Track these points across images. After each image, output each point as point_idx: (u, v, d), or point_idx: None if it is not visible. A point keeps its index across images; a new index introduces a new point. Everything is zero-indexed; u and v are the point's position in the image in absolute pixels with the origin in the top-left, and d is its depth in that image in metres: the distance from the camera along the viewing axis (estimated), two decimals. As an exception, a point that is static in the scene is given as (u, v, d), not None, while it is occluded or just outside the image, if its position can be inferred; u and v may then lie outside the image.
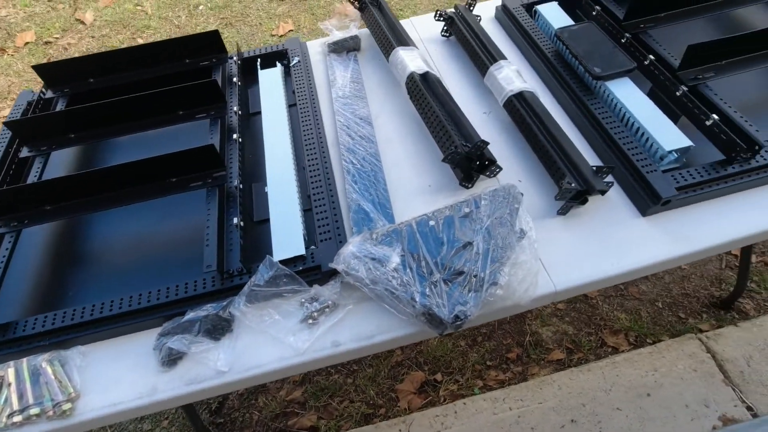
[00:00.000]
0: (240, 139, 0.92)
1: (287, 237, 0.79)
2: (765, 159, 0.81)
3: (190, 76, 1.03)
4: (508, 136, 0.95)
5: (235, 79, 1.02)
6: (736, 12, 1.13)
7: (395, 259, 0.71)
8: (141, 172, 0.81)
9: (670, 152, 0.83)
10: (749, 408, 1.40)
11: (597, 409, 1.42)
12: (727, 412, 1.40)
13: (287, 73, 1.10)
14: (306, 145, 0.92)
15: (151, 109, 0.94)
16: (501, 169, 0.86)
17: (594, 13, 1.08)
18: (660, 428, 1.38)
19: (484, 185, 0.88)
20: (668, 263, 0.78)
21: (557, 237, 0.80)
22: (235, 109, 0.96)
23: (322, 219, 0.81)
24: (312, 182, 0.86)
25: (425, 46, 1.17)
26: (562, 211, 0.82)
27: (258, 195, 0.89)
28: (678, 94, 0.89)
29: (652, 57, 0.95)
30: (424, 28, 1.22)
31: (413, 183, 0.90)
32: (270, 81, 1.05)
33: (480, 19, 1.18)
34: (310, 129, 0.94)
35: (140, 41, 2.77)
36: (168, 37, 2.79)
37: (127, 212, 0.89)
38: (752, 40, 0.91)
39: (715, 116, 0.83)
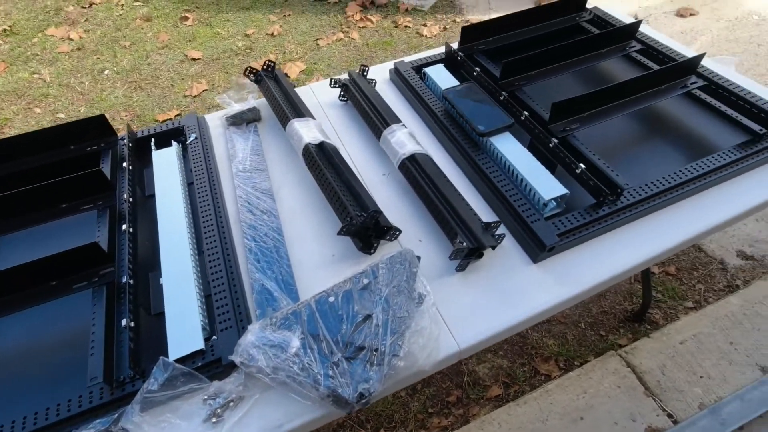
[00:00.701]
0: (131, 229, 0.88)
1: (185, 331, 0.75)
2: (628, 200, 0.90)
3: (76, 163, 0.98)
4: (407, 197, 0.99)
5: (125, 164, 0.99)
6: (597, 66, 1.28)
7: (295, 344, 0.70)
8: (15, 280, 0.74)
9: (549, 200, 0.90)
10: (670, 415, 1.49)
11: (536, 442, 1.45)
12: (651, 423, 1.48)
13: (185, 150, 1.08)
14: (204, 226, 0.90)
15: (30, 205, 0.88)
16: (400, 231, 0.89)
17: (474, 73, 1.18)
18: (595, 450, 1.43)
19: (386, 248, 0.90)
20: (560, 306, 0.83)
21: (458, 294, 0.83)
22: (125, 196, 0.92)
23: (223, 306, 0.78)
24: (211, 266, 0.83)
25: (324, 111, 1.21)
26: (460, 268, 0.85)
27: (155, 286, 0.85)
28: (551, 145, 0.98)
29: (526, 113, 1.05)
30: (323, 94, 1.26)
31: (317, 255, 0.90)
32: (165, 161, 1.02)
33: (375, 83, 1.25)
34: (209, 209, 0.92)
35: (38, 111, 2.61)
36: (70, 105, 2.67)
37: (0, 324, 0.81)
38: (608, 93, 1.03)
39: (582, 165, 0.92)
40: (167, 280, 0.81)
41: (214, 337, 0.75)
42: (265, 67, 1.18)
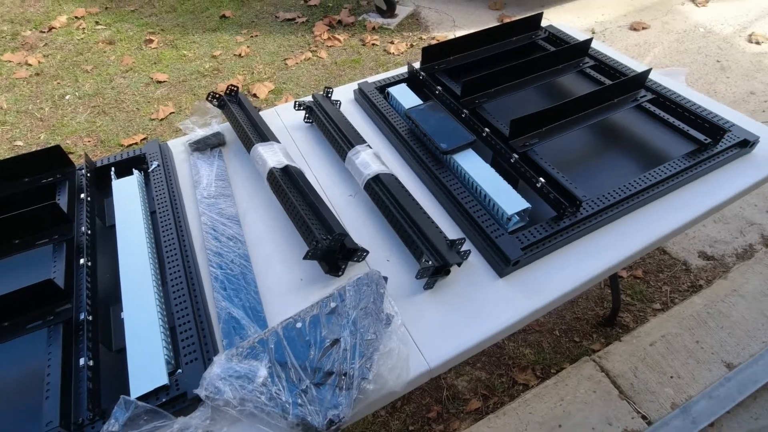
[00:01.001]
0: (90, 263, 0.85)
1: (148, 366, 0.73)
2: (587, 211, 0.93)
3: (31, 196, 0.95)
4: (375, 217, 1.00)
5: (83, 195, 0.96)
6: (554, 81, 1.33)
7: (262, 373, 0.69)
8: (-38, 323, 0.71)
9: (513, 215, 0.92)
10: (644, 417, 1.53)
11: (516, 454, 1.45)
12: (627, 426, 1.51)
13: (147, 178, 1.06)
14: (168, 256, 0.88)
15: (-20, 242, 0.84)
16: (368, 252, 0.89)
17: (437, 92, 1.21)
18: (574, 457, 1.45)
19: (355, 270, 0.90)
20: (527, 319, 0.84)
21: (427, 312, 0.84)
22: (83, 228, 0.90)
23: (188, 338, 0.76)
24: (175, 297, 0.81)
25: (290, 134, 1.21)
26: (428, 286, 0.86)
27: (116, 320, 0.82)
28: (512, 161, 1.01)
29: (487, 129, 1.07)
30: (288, 116, 1.26)
31: (285, 280, 0.89)
32: (125, 190, 1.00)
33: (340, 104, 1.26)
34: (172, 237, 0.91)
35: (-5, 140, 2.52)
36: (29, 132, 2.59)
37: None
38: (564, 108, 1.07)
39: (542, 179, 0.95)
40: (129, 314, 0.79)
41: (179, 371, 0.73)
42: (228, 91, 1.18)
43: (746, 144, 1.08)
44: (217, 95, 1.16)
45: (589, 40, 1.28)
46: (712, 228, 2.12)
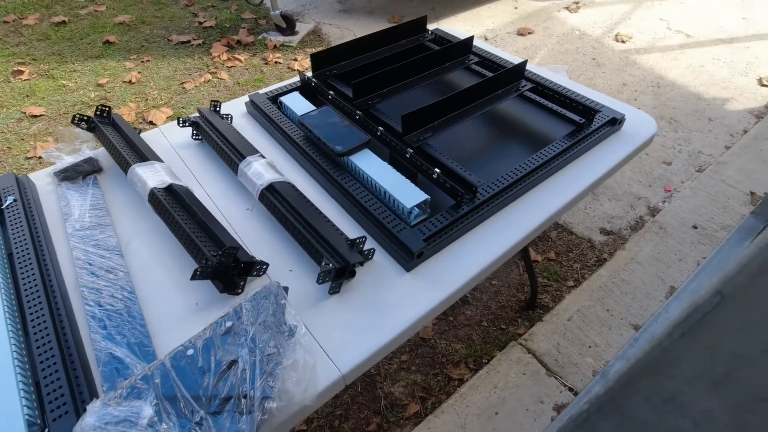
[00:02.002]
0: (-76, 322, 0.71)
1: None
2: (484, 196, 0.96)
3: None
4: (275, 228, 0.95)
5: None
6: (444, 78, 1.38)
7: (147, 413, 0.60)
8: None
9: (413, 207, 0.92)
10: (570, 389, 1.60)
11: (457, 450, 1.44)
12: (557, 401, 1.57)
13: (2, 216, 0.92)
14: (28, 301, 0.76)
15: None
16: (267, 265, 0.84)
17: (329, 97, 1.19)
18: (513, 441, 1.47)
19: (257, 285, 0.84)
20: (438, 309, 0.84)
21: (335, 317, 0.80)
22: None
23: (55, 390, 0.66)
24: (39, 347, 0.70)
25: (178, 153, 1.13)
26: (334, 291, 0.82)
27: (-35, 385, 0.69)
28: (408, 156, 1.02)
29: (381, 128, 1.08)
30: (174, 135, 1.17)
31: (179, 306, 0.81)
32: (-25, 233, 0.86)
33: (231, 118, 1.20)
34: (34, 280, 0.79)
35: None
36: None
37: None
38: (453, 101, 1.10)
39: (437, 170, 0.97)
40: (-22, 375, 0.66)
41: (47, 430, 0.62)
42: (98, 112, 1.07)
43: (615, 122, 1.18)
44: (86, 117, 1.05)
45: (471, 38, 1.35)
46: (608, 206, 2.31)
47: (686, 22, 3.66)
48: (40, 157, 2.29)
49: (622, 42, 3.44)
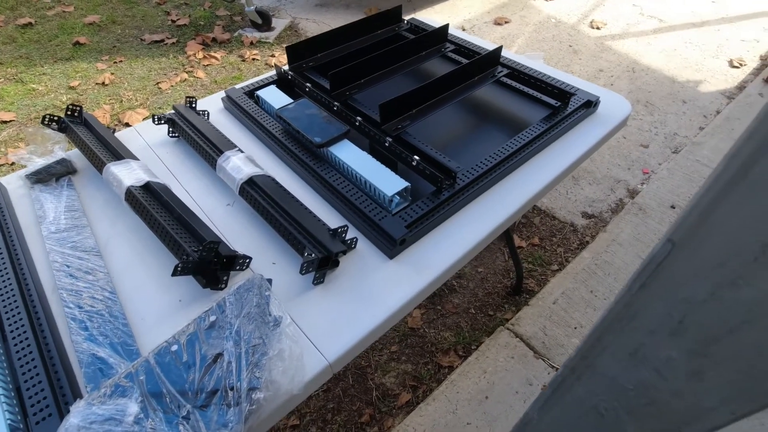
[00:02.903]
0: None
1: (-13, 438, 0.60)
2: (463, 181, 0.97)
3: None
4: (256, 222, 0.94)
5: None
6: (421, 67, 1.38)
7: (133, 410, 0.60)
8: None
9: (393, 195, 0.93)
10: (557, 370, 1.63)
11: (450, 434, 1.46)
12: (545, 382, 1.60)
13: (-25, 222, 0.90)
14: (5, 307, 0.74)
15: None
16: (250, 258, 0.84)
17: (307, 89, 1.19)
18: (504, 423, 1.49)
19: (240, 279, 0.84)
20: (422, 294, 0.85)
21: (320, 307, 0.80)
22: None
23: (37, 394, 0.65)
24: (18, 352, 0.69)
25: (155, 151, 1.11)
26: (318, 281, 0.82)
27: (-58, 394, 0.67)
28: (387, 144, 1.02)
29: (359, 118, 1.07)
30: (150, 133, 1.15)
31: (162, 304, 0.80)
32: (-55, 240, 0.83)
33: (208, 114, 1.18)
34: (9, 285, 0.77)
35: None
36: None
37: None
38: (430, 89, 1.10)
39: (416, 157, 0.97)
40: (-45, 383, 0.65)
41: (30, 435, 0.61)
42: (69, 112, 1.04)
43: (590, 104, 1.20)
44: (56, 118, 1.02)
45: (446, 26, 1.35)
46: (589, 190, 2.35)
47: (658, 7, 3.72)
48: (12, 164, 2.23)
49: (597, 29, 3.49)
